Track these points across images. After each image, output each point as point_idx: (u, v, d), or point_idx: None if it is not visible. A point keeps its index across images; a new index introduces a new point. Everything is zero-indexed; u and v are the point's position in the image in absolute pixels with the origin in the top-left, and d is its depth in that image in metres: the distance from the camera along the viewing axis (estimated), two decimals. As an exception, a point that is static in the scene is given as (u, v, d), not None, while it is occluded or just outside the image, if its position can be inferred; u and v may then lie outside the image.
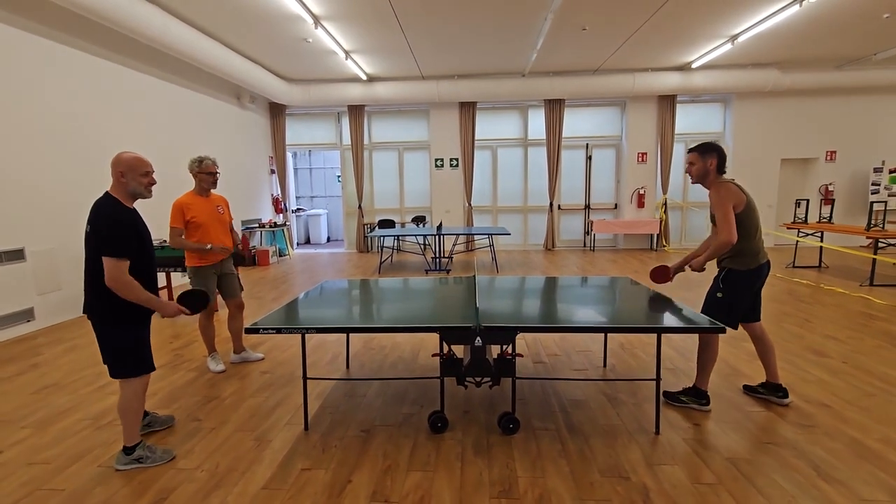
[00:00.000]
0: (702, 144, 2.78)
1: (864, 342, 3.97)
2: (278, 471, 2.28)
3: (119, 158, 2.23)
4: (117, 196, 2.22)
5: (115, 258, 2.10)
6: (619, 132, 10.32)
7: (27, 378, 3.54)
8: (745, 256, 2.70)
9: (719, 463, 2.27)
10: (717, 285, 2.80)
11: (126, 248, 2.14)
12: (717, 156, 2.72)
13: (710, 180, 2.75)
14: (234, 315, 3.74)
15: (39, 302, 4.88)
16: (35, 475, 2.28)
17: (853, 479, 2.12)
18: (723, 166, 2.73)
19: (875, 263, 6.18)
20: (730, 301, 2.74)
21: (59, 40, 5.11)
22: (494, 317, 2.59)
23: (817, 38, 7.48)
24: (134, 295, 2.16)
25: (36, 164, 4.85)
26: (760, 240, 2.73)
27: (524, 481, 2.16)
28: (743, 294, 2.74)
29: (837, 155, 9.83)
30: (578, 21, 6.55)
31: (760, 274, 2.73)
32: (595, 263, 8.42)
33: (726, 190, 2.65)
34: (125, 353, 2.26)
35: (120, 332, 2.24)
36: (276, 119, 10.22)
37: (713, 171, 2.74)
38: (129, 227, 2.19)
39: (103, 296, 2.16)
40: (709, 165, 2.73)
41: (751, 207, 2.68)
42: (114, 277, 2.11)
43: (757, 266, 2.70)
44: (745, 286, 2.73)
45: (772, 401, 2.87)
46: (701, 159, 2.74)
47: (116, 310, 2.20)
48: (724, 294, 2.75)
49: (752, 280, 2.73)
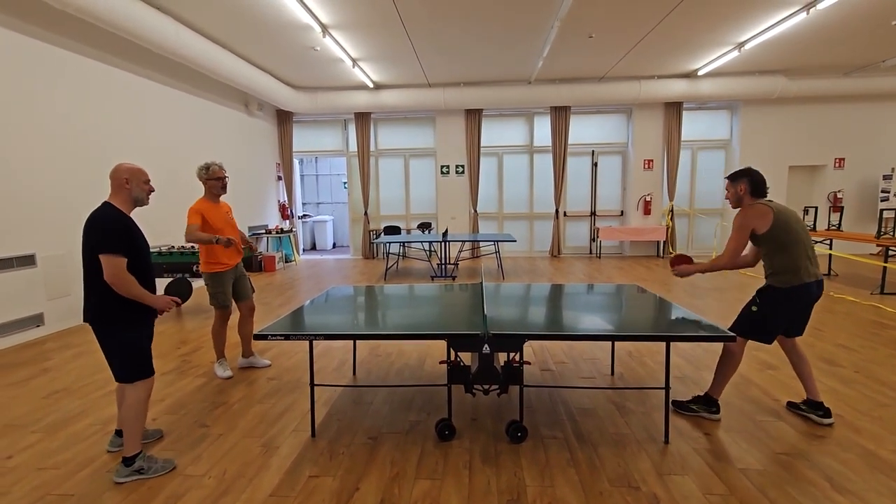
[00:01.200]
0: (734, 172, 2.80)
1: (876, 351, 3.92)
2: (286, 478, 2.27)
3: (121, 167, 2.33)
4: (117, 204, 2.32)
5: (111, 254, 2.18)
6: (625, 139, 10.31)
7: (37, 383, 3.56)
8: (781, 274, 2.63)
9: (731, 474, 2.24)
10: (754, 299, 2.75)
11: (121, 245, 2.21)
12: (747, 181, 2.70)
13: (745, 204, 2.73)
14: (245, 318, 3.76)
15: (49, 307, 4.93)
16: (44, 480, 2.29)
17: (867, 491, 2.09)
18: (759, 189, 2.69)
19: (886, 271, 6.11)
20: (764, 315, 2.68)
21: (70, 48, 5.20)
22: (502, 324, 2.58)
23: (825, 46, 7.45)
24: (131, 291, 2.23)
25: (47, 170, 4.92)
26: (803, 257, 2.61)
27: (533, 490, 2.14)
28: (779, 311, 2.66)
29: (846, 162, 9.76)
30: (585, 29, 6.58)
31: (803, 293, 2.62)
32: (601, 270, 8.39)
33: (749, 212, 2.64)
34: (129, 355, 2.30)
35: (122, 333, 2.28)
36: (283, 126, 10.31)
37: (746, 196, 2.72)
38: (124, 227, 2.27)
39: (104, 299, 2.23)
40: (739, 191, 2.73)
41: (782, 225, 2.59)
42: (112, 273, 2.18)
43: (799, 284, 2.60)
44: (782, 303, 2.65)
45: (812, 419, 2.76)
46: (732, 186, 2.76)
47: (117, 311, 2.25)
48: (759, 308, 2.70)
49: (792, 298, 2.63)
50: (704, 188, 10.33)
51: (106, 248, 2.18)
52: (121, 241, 2.22)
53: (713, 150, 10.24)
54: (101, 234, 2.20)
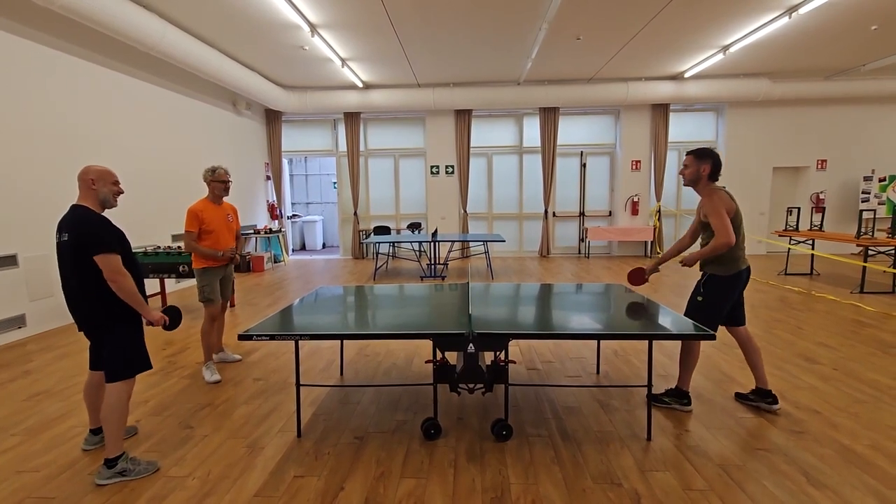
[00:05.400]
0: (699, 149, 2.85)
1: (854, 349, 4.01)
2: (270, 478, 2.27)
3: (89, 168, 2.33)
4: (87, 205, 2.31)
5: (107, 253, 2.18)
6: (613, 140, 10.41)
7: (18, 385, 3.51)
8: (727, 263, 2.77)
9: (710, 469, 2.29)
10: (698, 289, 2.87)
11: (111, 243, 2.22)
12: (711, 162, 2.79)
13: (702, 185, 2.83)
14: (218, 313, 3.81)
15: (31, 308, 4.85)
16: (24, 483, 2.26)
17: (842, 485, 2.14)
18: (716, 174, 2.80)
19: (865, 271, 6.25)
20: (710, 304, 2.81)
21: (55, 46, 5.13)
22: (488, 323, 2.60)
23: (807, 49, 7.60)
24: (130, 289, 2.23)
25: (29, 169, 4.85)
26: (742, 247, 2.80)
27: (517, 488, 2.16)
28: (723, 298, 2.80)
29: (828, 163, 9.96)
30: (572, 31, 6.63)
31: (740, 279, 2.80)
32: (590, 270, 8.46)
33: (719, 197, 2.73)
34: (123, 352, 2.29)
35: (116, 330, 2.28)
36: (272, 125, 10.25)
37: (705, 177, 2.81)
38: (106, 225, 2.27)
39: (104, 302, 2.23)
40: (702, 171, 2.80)
41: (738, 215, 2.76)
42: (112, 270, 2.18)
43: (737, 272, 2.77)
44: (725, 291, 2.80)
45: (761, 407, 2.89)
46: (696, 162, 2.82)
47: (119, 309, 2.26)
48: (705, 298, 2.83)
49: (733, 285, 2.79)
50: (692, 189, 10.43)
51: (101, 247, 2.17)
52: (111, 239, 2.22)
53: (699, 152, 10.36)
54: (89, 235, 2.19)
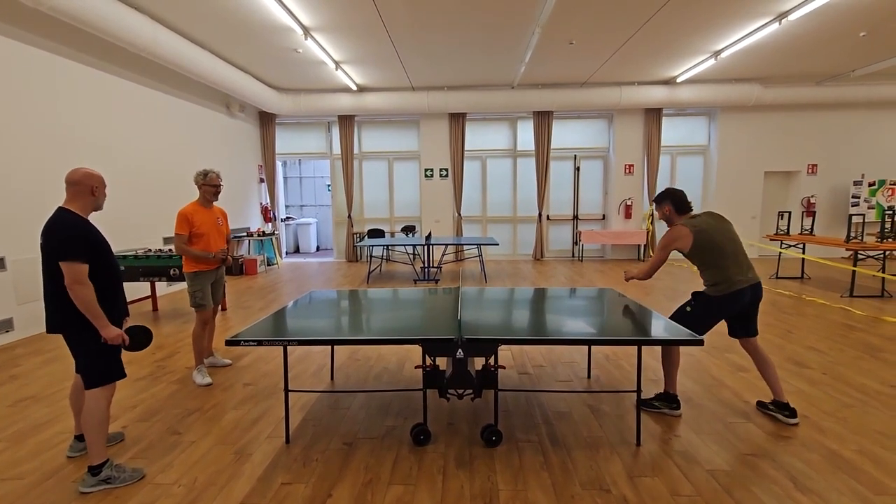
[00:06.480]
0: (658, 195, 2.99)
1: (843, 353, 4.04)
2: (257, 485, 2.25)
3: (90, 174, 2.31)
4: (75, 210, 2.28)
5: (72, 261, 2.15)
6: (606, 144, 10.46)
7: (4, 390, 3.47)
8: (714, 285, 2.81)
9: (699, 475, 2.29)
10: (689, 300, 2.93)
11: (81, 252, 2.18)
12: (670, 201, 2.91)
13: (675, 221, 2.92)
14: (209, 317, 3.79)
15: (19, 312, 4.80)
16: (7, 491, 2.23)
17: (828, 490, 2.15)
18: (682, 206, 2.89)
19: (855, 275, 6.30)
20: (696, 317, 2.85)
21: (43, 47, 5.09)
22: (478, 328, 2.60)
23: (797, 55, 7.67)
24: (88, 302, 2.17)
25: (17, 171, 4.80)
26: (731, 267, 2.76)
27: (505, 494, 2.16)
28: (709, 316, 2.84)
29: (819, 168, 10.05)
30: (566, 35, 6.67)
31: (736, 299, 2.77)
32: (583, 274, 8.48)
33: (672, 233, 2.82)
34: (97, 358, 2.26)
35: (91, 335, 2.23)
36: (265, 128, 10.21)
37: (673, 215, 2.92)
38: (83, 233, 2.23)
39: (67, 304, 2.18)
40: (667, 211, 2.93)
41: (704, 244, 2.76)
42: (73, 279, 2.15)
43: (730, 292, 2.76)
44: (712, 309, 2.83)
45: (779, 419, 2.84)
46: (659, 208, 2.97)
47: (80, 316, 2.20)
48: (693, 310, 2.88)
49: (725, 304, 2.79)
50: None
51: (65, 255, 2.14)
52: (80, 248, 2.18)
53: (692, 156, 10.44)
54: (59, 241, 2.16)
